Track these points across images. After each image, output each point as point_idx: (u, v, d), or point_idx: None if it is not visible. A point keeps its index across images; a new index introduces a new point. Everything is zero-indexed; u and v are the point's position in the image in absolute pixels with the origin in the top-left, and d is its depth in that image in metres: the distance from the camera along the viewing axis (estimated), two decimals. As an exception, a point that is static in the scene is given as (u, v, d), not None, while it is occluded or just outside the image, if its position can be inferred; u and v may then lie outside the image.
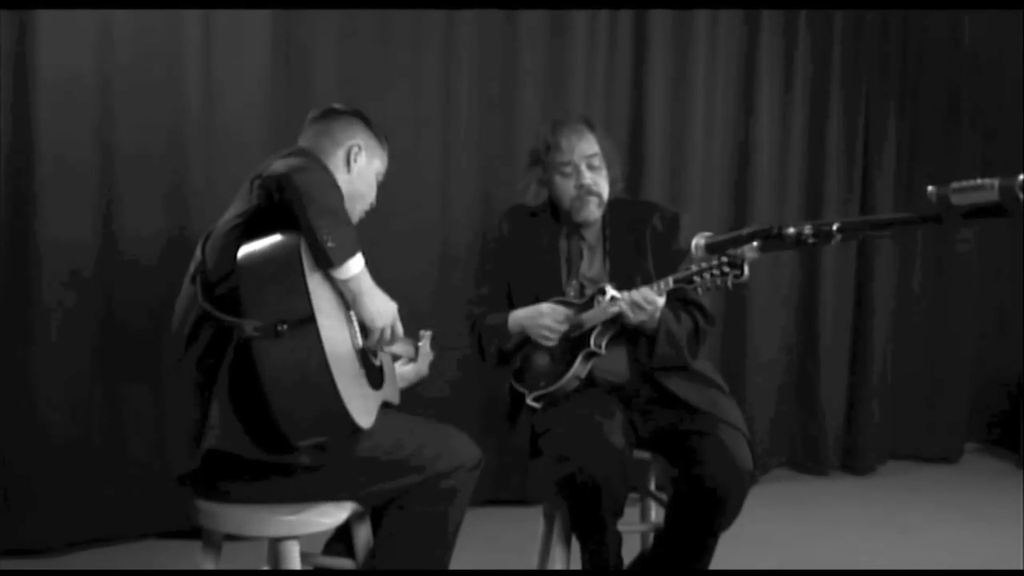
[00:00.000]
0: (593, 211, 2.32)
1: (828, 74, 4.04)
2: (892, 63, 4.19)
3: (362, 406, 1.72)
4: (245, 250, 1.65)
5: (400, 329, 1.82)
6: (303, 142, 1.97)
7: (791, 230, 1.26)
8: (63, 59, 2.70)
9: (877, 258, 4.19)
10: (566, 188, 2.31)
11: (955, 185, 1.06)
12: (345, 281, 1.69)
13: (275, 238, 1.65)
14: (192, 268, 1.79)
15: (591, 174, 2.29)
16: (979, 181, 1.04)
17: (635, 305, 2.10)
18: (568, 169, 2.30)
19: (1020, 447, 4.32)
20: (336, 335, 1.69)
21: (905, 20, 4.22)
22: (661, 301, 2.11)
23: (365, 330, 1.78)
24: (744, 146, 3.91)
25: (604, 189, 2.32)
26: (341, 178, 1.90)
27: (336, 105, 2.02)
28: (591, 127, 2.33)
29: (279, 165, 1.66)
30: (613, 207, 2.37)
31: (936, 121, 4.33)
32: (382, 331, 1.77)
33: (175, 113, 2.87)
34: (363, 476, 1.80)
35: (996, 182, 1.02)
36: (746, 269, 1.95)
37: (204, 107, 2.91)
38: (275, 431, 1.64)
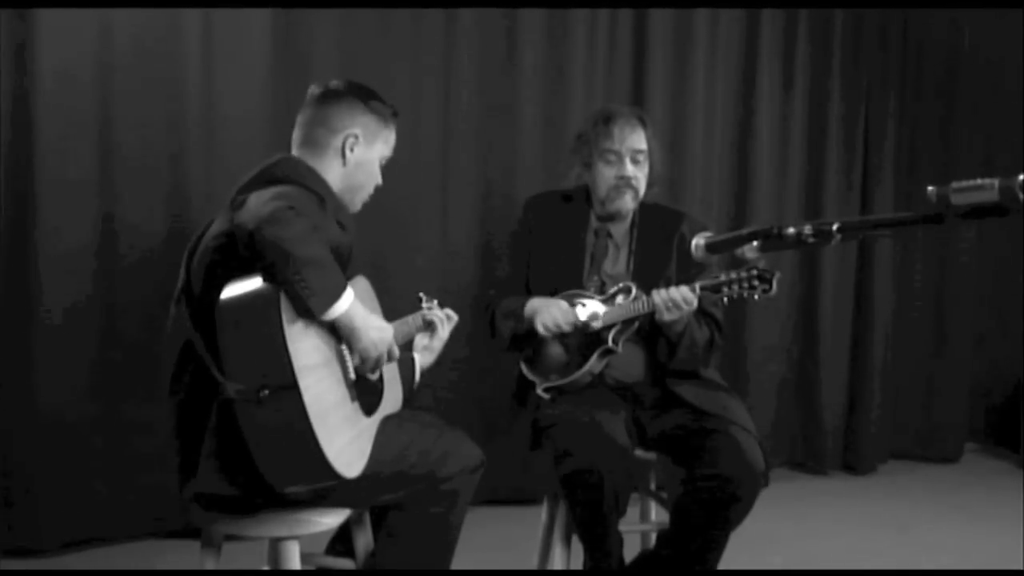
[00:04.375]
0: (627, 204, 2.33)
1: (828, 73, 4.04)
2: (892, 63, 4.19)
3: (352, 452, 1.71)
4: (226, 295, 1.61)
5: (396, 351, 1.82)
6: (298, 131, 1.91)
7: (791, 230, 1.26)
8: (63, 59, 2.70)
9: (877, 258, 4.19)
10: (606, 176, 2.32)
11: (955, 185, 1.05)
12: (334, 320, 1.65)
13: (255, 284, 1.60)
14: (179, 287, 1.77)
15: (633, 168, 2.31)
16: (979, 181, 1.03)
17: (673, 304, 2.10)
18: (613, 157, 2.31)
19: (1020, 447, 4.31)
20: (323, 386, 1.65)
21: (905, 20, 4.22)
22: (695, 303, 2.11)
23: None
24: (744, 146, 3.91)
25: (642, 185, 2.34)
26: (336, 172, 1.87)
27: (334, 84, 1.94)
28: (644, 124, 2.35)
29: (252, 209, 1.57)
30: (645, 210, 2.39)
31: (936, 121, 4.33)
32: (378, 359, 1.76)
33: (175, 113, 2.87)
34: (366, 492, 1.79)
35: (996, 182, 1.02)
36: (775, 284, 1.97)
37: (204, 106, 2.91)
38: (262, 479, 1.63)
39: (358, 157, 1.89)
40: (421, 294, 2.14)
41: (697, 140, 3.74)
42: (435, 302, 2.14)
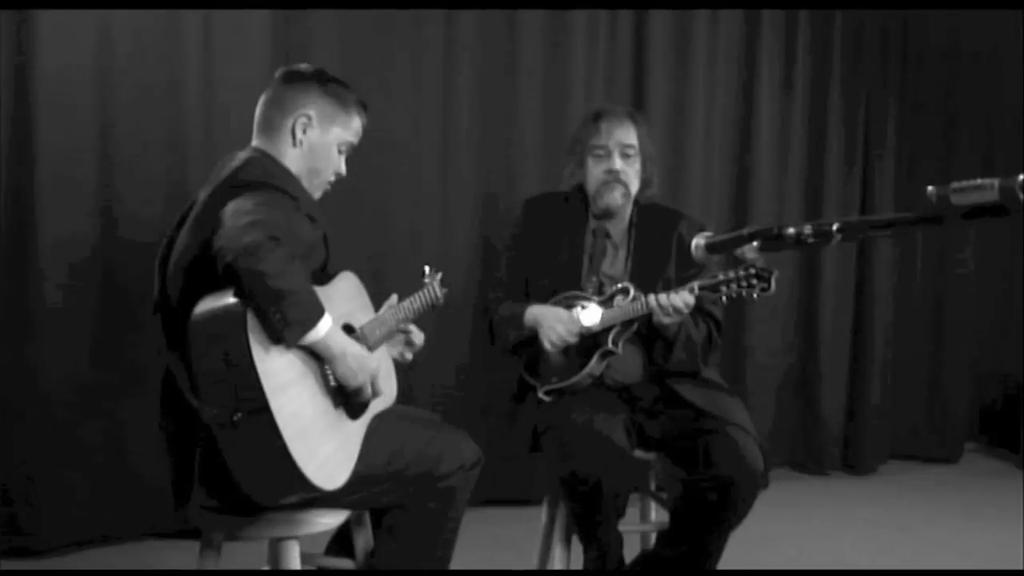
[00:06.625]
0: (617, 199, 2.32)
1: (828, 74, 4.05)
2: (892, 63, 4.19)
3: (336, 461, 1.69)
4: (197, 313, 1.58)
5: (380, 388, 1.77)
6: (257, 111, 1.87)
7: (791, 230, 1.26)
8: (63, 59, 2.70)
9: (877, 258, 4.20)
10: (596, 171, 2.33)
11: (955, 185, 1.05)
12: (312, 344, 1.63)
13: (224, 302, 1.57)
14: (156, 297, 1.75)
15: (622, 162, 2.31)
16: (979, 181, 1.03)
17: (674, 309, 2.10)
18: (601, 152, 2.32)
19: (1020, 447, 4.32)
20: (301, 400, 1.63)
21: (905, 20, 4.22)
22: (693, 303, 2.11)
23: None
24: (744, 146, 3.91)
25: (632, 181, 2.34)
26: (290, 156, 1.83)
27: (299, 67, 1.90)
28: (635, 121, 2.34)
29: (229, 234, 1.53)
30: (643, 210, 2.39)
31: (936, 121, 4.34)
32: (359, 389, 1.73)
33: (175, 113, 2.87)
34: (363, 493, 1.79)
35: (996, 182, 1.01)
36: (773, 283, 1.97)
37: (204, 107, 2.91)
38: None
39: (311, 140, 1.84)
40: (426, 267, 2.14)
41: (697, 141, 3.74)
42: (439, 276, 2.13)
